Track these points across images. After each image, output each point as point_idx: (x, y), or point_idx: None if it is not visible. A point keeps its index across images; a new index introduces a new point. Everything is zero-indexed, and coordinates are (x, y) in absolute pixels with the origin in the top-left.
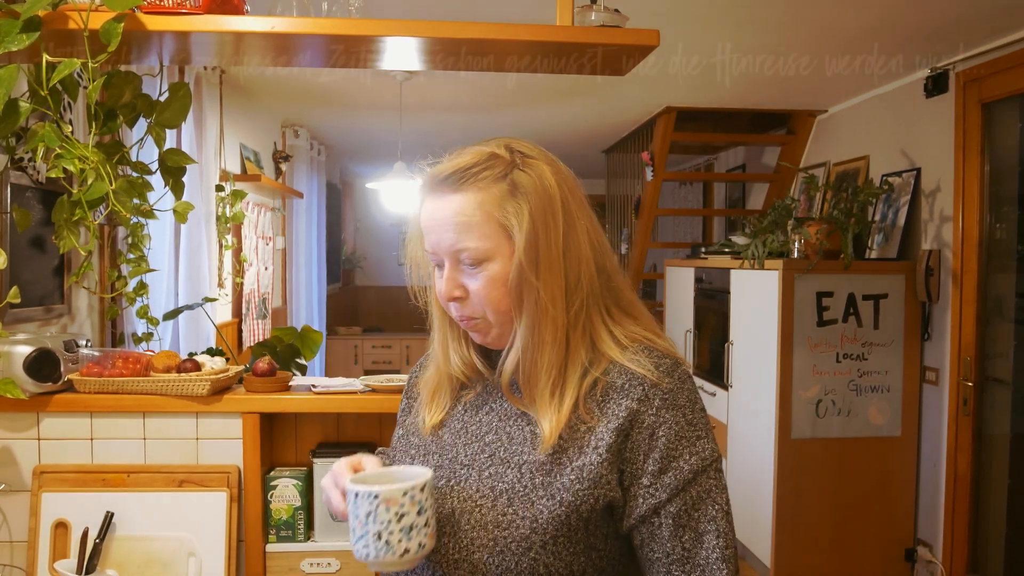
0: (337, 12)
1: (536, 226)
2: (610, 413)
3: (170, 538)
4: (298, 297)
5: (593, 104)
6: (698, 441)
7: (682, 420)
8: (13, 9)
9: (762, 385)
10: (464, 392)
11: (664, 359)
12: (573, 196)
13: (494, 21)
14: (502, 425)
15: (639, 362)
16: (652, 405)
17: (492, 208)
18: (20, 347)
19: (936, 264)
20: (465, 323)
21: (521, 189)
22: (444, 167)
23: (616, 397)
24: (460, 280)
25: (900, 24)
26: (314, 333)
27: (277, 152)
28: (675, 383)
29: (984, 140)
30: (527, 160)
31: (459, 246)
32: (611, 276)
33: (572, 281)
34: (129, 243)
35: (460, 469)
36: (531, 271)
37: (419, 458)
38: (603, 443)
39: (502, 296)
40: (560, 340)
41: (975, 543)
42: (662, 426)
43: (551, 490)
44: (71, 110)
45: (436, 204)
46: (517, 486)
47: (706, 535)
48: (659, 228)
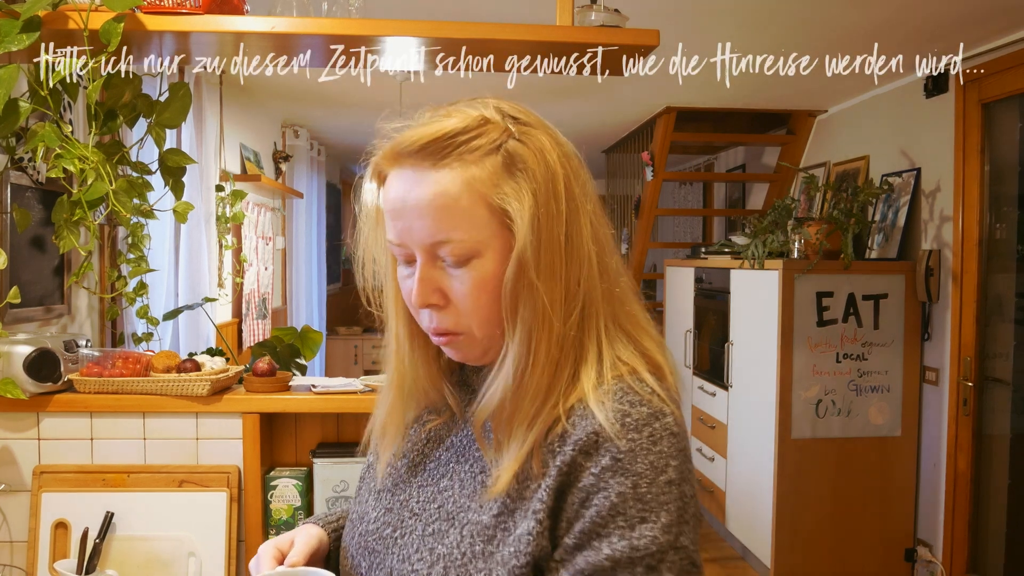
0: (337, 12)
1: (539, 213)
2: (551, 466)
3: (170, 538)
4: (298, 297)
5: (593, 104)
6: (640, 525)
7: (628, 492)
8: (13, 9)
9: (762, 385)
10: (429, 416)
11: (639, 407)
12: (576, 178)
13: (494, 21)
14: (457, 468)
15: (602, 406)
16: (598, 463)
17: (485, 188)
18: (20, 347)
19: (936, 264)
20: (441, 338)
21: (519, 165)
22: (420, 132)
23: (565, 445)
24: (438, 281)
25: (900, 24)
26: (314, 333)
27: (277, 152)
28: (640, 442)
29: (984, 140)
30: (524, 128)
31: (440, 237)
32: (613, 280)
33: (572, 285)
34: (129, 243)
35: (409, 518)
36: (535, 270)
37: (374, 495)
38: (542, 506)
39: (494, 302)
40: (553, 359)
41: (975, 543)
42: (599, 493)
43: (490, 563)
44: (71, 110)
45: (408, 182)
46: (455, 552)
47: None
48: (659, 228)
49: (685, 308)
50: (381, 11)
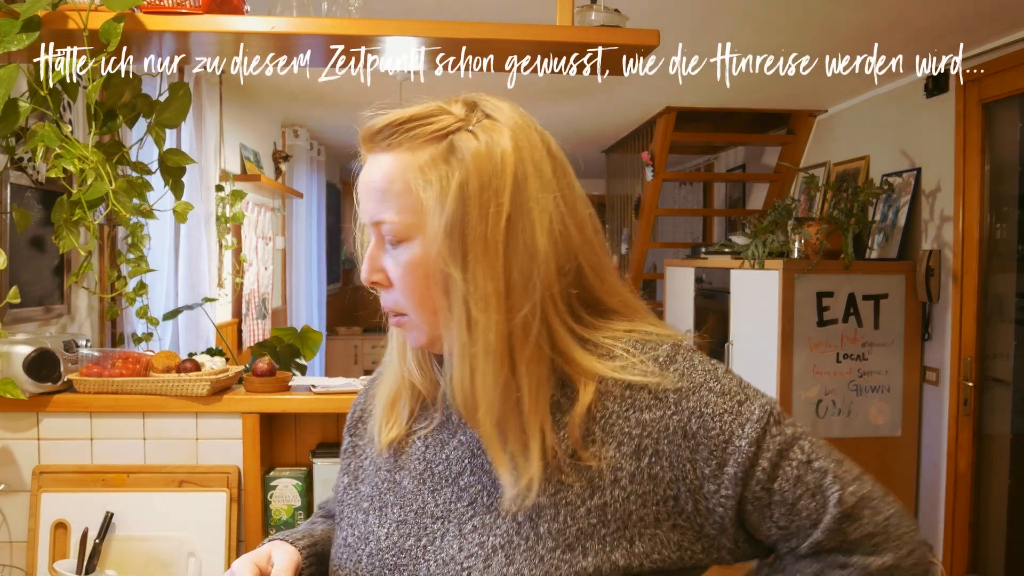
0: (337, 12)
1: (465, 205)
2: (619, 433)
3: (170, 538)
4: (298, 297)
5: (593, 104)
6: (742, 406)
7: (711, 396)
8: (13, 9)
9: (762, 385)
10: (420, 423)
11: (660, 347)
12: (537, 173)
13: (494, 21)
14: (478, 462)
15: (632, 367)
16: (669, 404)
17: (411, 174)
18: (20, 347)
19: (936, 264)
20: (392, 319)
21: (458, 155)
22: (381, 118)
23: (620, 412)
24: (381, 261)
25: (900, 24)
26: (314, 333)
27: (277, 152)
28: (683, 364)
29: (984, 140)
30: (485, 121)
31: (377, 217)
32: (588, 275)
33: (518, 281)
34: (129, 243)
35: (432, 523)
36: (452, 262)
37: (373, 514)
38: (623, 473)
39: (424, 288)
40: (500, 354)
41: (975, 543)
42: (692, 418)
43: (564, 539)
44: (71, 110)
45: (368, 164)
46: (516, 539)
47: (807, 484)
48: (659, 228)
49: (685, 308)
50: (381, 11)
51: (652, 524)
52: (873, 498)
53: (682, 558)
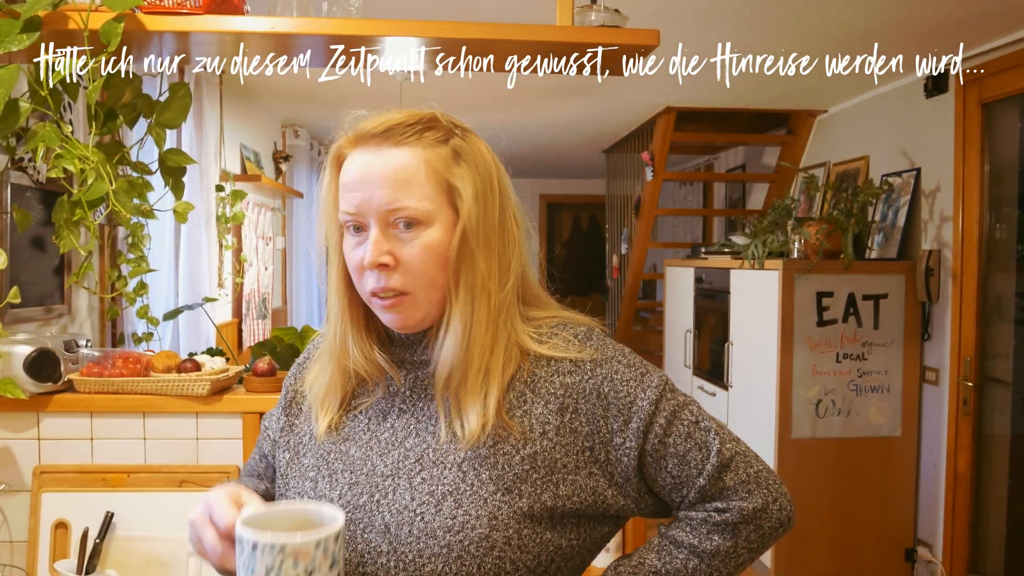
0: (337, 12)
1: (483, 198)
2: (545, 393)
3: (170, 538)
4: (298, 297)
5: (593, 104)
6: (644, 377)
7: (620, 367)
8: (13, 9)
9: (762, 385)
10: (360, 399)
11: (578, 328)
12: (505, 178)
13: (494, 21)
14: (422, 427)
15: (556, 346)
16: (586, 371)
17: (440, 167)
18: (20, 347)
19: (936, 264)
20: (384, 300)
21: (464, 156)
22: (381, 119)
23: (547, 377)
24: (389, 245)
25: (900, 24)
26: (314, 333)
27: (277, 152)
28: (597, 342)
29: (984, 140)
30: (465, 132)
31: (396, 205)
32: (527, 266)
33: (505, 260)
34: (129, 243)
35: (383, 481)
36: (475, 241)
37: (322, 480)
38: (550, 427)
39: (438, 267)
40: (493, 321)
41: (975, 543)
42: (605, 382)
43: (503, 483)
44: (71, 110)
45: (370, 157)
46: (462, 485)
47: (695, 439)
48: (659, 228)
49: (685, 308)
50: (381, 11)
51: (573, 471)
52: (747, 455)
53: (596, 502)
